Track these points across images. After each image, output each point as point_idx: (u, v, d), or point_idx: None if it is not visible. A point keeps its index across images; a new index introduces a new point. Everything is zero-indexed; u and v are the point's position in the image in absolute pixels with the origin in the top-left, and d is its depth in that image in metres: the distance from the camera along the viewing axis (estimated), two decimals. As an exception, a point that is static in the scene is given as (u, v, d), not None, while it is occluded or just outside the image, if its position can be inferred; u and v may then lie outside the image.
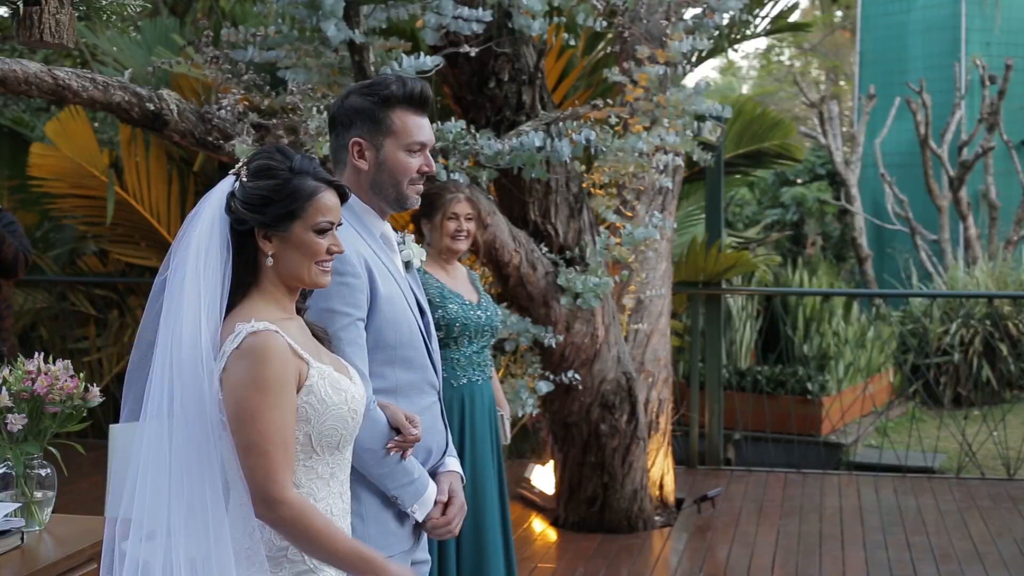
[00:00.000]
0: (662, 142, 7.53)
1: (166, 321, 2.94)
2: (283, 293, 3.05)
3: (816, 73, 33.47)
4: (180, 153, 10.68)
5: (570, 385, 7.73)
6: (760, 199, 21.36)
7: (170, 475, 2.90)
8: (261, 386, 2.88)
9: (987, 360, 13.29)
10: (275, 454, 2.89)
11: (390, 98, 3.57)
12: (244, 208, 2.96)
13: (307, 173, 3.03)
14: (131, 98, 5.53)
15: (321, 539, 2.94)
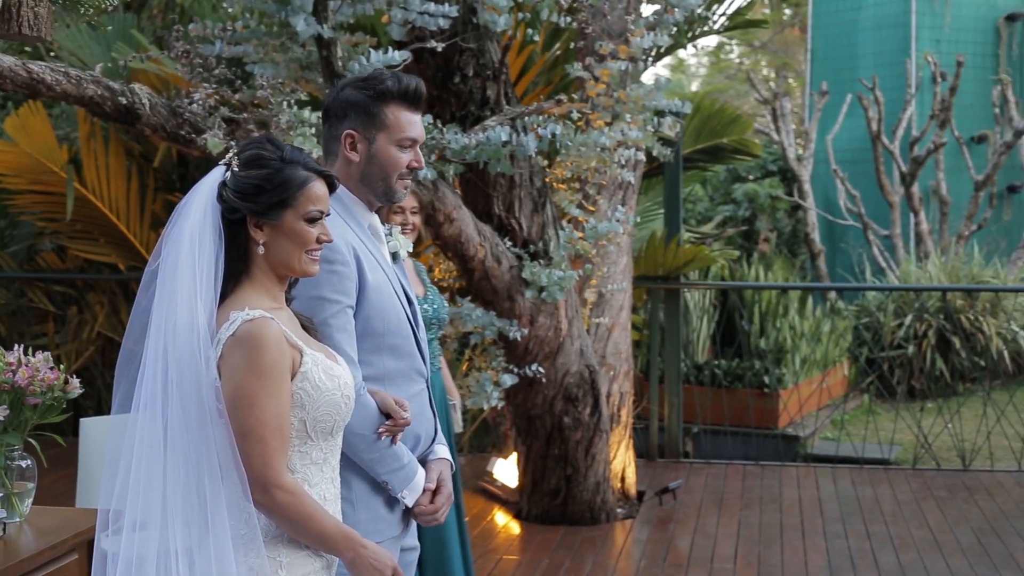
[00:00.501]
0: (624, 137, 7.59)
1: (159, 309, 2.96)
2: (273, 282, 3.08)
3: (766, 71, 33.66)
4: (139, 149, 10.65)
5: (534, 378, 7.79)
6: (712, 195, 21.49)
7: (165, 463, 2.92)
8: (258, 372, 2.91)
9: (940, 353, 13.45)
10: (272, 440, 2.93)
11: (385, 93, 3.62)
12: (236, 197, 3.00)
13: (297, 163, 3.07)
14: (104, 92, 5.54)
15: (312, 523, 2.99)
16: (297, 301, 3.29)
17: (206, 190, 3.03)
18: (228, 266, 3.02)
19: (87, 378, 10.83)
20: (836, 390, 12.86)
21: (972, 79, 18.45)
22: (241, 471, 2.91)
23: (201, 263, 2.95)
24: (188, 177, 10.85)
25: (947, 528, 8.12)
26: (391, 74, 3.65)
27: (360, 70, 6.20)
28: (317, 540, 3.03)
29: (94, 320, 10.72)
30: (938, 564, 7.39)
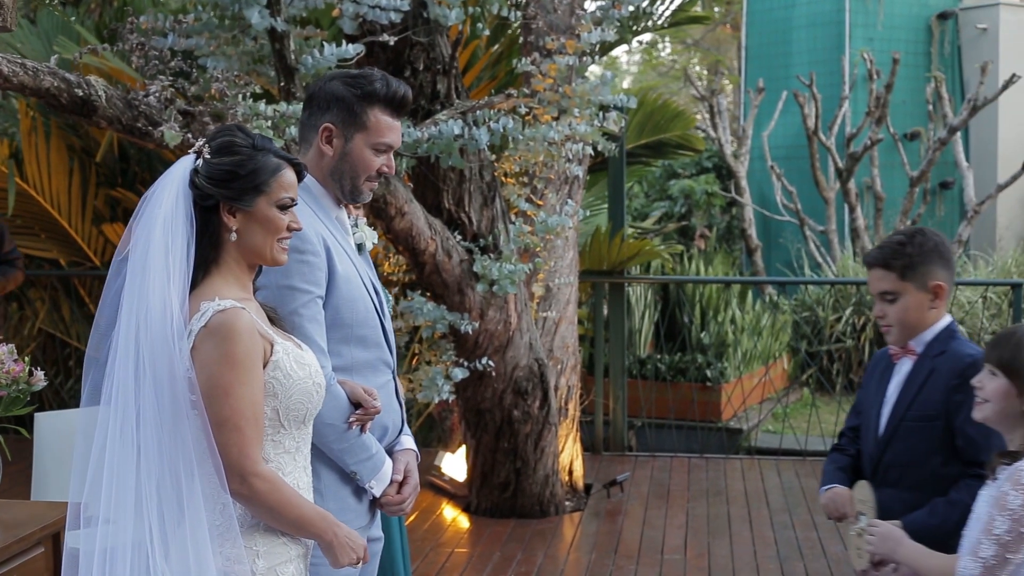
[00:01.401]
0: (572, 131, 7.62)
1: (130, 298, 2.96)
2: (243, 271, 3.09)
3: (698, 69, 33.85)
4: (81, 144, 10.56)
5: (483, 372, 7.81)
6: (648, 192, 21.58)
7: (138, 454, 2.91)
8: (232, 362, 2.92)
9: (878, 346, 13.54)
10: (247, 429, 2.93)
11: (373, 95, 3.63)
12: (209, 183, 3.00)
13: (268, 150, 3.09)
14: (60, 84, 5.50)
15: (290, 508, 3.02)
16: (267, 290, 3.30)
17: (177, 178, 3.03)
18: (198, 254, 3.02)
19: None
20: (778, 383, 12.96)
21: (905, 77, 18.62)
22: (217, 461, 2.91)
23: (174, 251, 2.95)
24: (130, 172, 10.78)
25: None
26: (381, 76, 3.67)
27: (313, 63, 6.21)
28: (295, 525, 3.05)
29: (35, 316, 10.61)
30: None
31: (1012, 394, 3.35)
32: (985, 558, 3.19)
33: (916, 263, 3.88)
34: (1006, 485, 3.21)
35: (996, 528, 3.17)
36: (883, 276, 3.92)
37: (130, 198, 10.24)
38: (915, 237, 3.91)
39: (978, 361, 3.71)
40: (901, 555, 3.54)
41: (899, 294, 3.90)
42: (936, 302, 3.90)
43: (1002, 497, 3.20)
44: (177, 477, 2.90)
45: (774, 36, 21.12)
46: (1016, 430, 3.36)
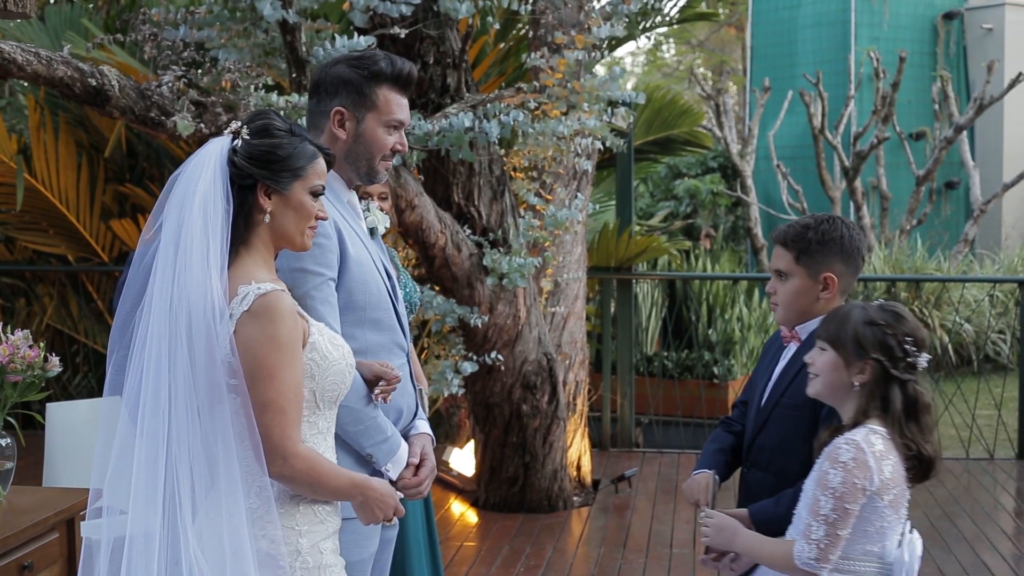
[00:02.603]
0: (582, 126, 7.63)
1: (163, 277, 2.94)
2: (270, 253, 3.09)
3: (702, 70, 33.88)
4: (89, 140, 10.57)
5: (493, 366, 7.81)
6: (653, 192, 21.61)
7: (168, 439, 2.90)
8: (277, 345, 2.92)
9: (883, 344, 13.56)
10: (290, 411, 2.95)
11: (379, 74, 3.65)
12: (250, 162, 3.00)
13: (304, 137, 3.09)
14: (73, 73, 5.51)
15: (327, 482, 3.03)
16: (280, 273, 3.30)
17: (213, 155, 3.02)
18: (231, 233, 3.01)
19: (36, 371, 10.75)
20: (784, 381, 12.95)
21: (911, 76, 18.67)
22: (256, 443, 2.91)
23: (213, 227, 2.95)
24: (138, 168, 10.80)
25: (899, 513, 8.22)
26: (384, 55, 3.68)
27: (324, 56, 6.21)
28: (331, 496, 3.09)
29: (43, 312, 10.62)
30: (893, 548, 7.48)
31: (840, 366, 3.38)
32: (818, 539, 3.23)
33: (813, 250, 3.79)
34: (826, 463, 3.26)
35: (822, 508, 3.22)
36: (781, 254, 3.87)
37: (138, 194, 10.26)
38: (821, 224, 3.83)
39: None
40: (738, 545, 3.54)
41: (789, 275, 3.84)
42: (824, 293, 3.80)
43: (823, 476, 3.24)
44: (214, 461, 2.90)
45: (780, 36, 21.15)
46: (846, 404, 3.39)
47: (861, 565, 3.30)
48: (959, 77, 20.18)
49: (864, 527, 3.28)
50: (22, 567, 3.89)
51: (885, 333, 3.32)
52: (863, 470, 3.21)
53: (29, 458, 6.02)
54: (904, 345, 3.32)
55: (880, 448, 3.26)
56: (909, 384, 3.34)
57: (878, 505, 3.27)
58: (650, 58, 36.90)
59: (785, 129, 19.26)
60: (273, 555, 2.93)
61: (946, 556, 7.30)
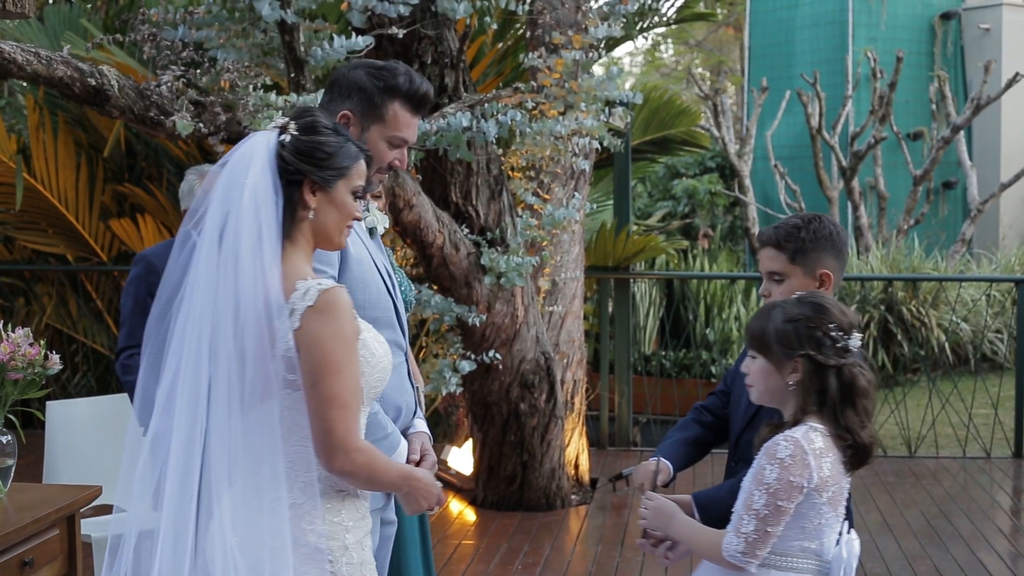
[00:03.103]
0: (579, 125, 7.66)
1: (207, 270, 2.95)
2: (310, 250, 3.10)
3: (700, 70, 33.92)
4: (88, 140, 10.60)
5: (491, 365, 7.84)
6: (651, 192, 21.65)
7: (206, 433, 2.92)
8: (343, 340, 2.94)
9: (883, 344, 13.62)
10: (353, 406, 2.97)
11: (395, 89, 3.65)
12: (300, 158, 3.00)
13: (347, 137, 3.12)
14: (73, 73, 5.53)
15: (382, 475, 3.08)
16: None
17: (260, 149, 3.01)
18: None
19: (35, 370, 10.77)
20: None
21: (908, 76, 18.71)
22: (306, 439, 2.93)
23: (268, 223, 2.95)
24: (137, 168, 10.82)
25: (897, 511, 8.26)
26: (406, 71, 3.68)
27: (323, 56, 6.24)
28: (384, 488, 3.21)
29: (42, 312, 10.64)
30: (891, 545, 7.52)
31: (771, 371, 3.37)
32: (747, 533, 3.22)
33: (808, 249, 3.82)
34: (763, 459, 3.25)
35: (755, 503, 3.21)
36: (774, 256, 3.88)
37: (137, 194, 10.28)
38: (811, 223, 3.86)
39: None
40: (674, 530, 3.52)
41: (786, 276, 3.84)
42: (821, 290, 3.84)
43: (759, 471, 3.24)
44: (256, 455, 2.91)
45: (777, 36, 21.20)
46: (787, 404, 3.38)
47: (799, 562, 3.30)
48: (957, 77, 20.22)
49: (802, 524, 3.27)
50: (23, 563, 3.91)
51: (808, 327, 3.30)
52: (801, 468, 3.21)
53: (30, 456, 6.05)
54: (830, 334, 3.30)
55: (820, 445, 3.26)
56: (845, 369, 3.32)
57: (816, 502, 3.26)
58: (648, 58, 36.95)
59: (783, 129, 19.30)
60: (321, 549, 2.95)
61: (943, 555, 7.33)
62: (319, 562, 2.94)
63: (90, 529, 5.59)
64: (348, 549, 3.02)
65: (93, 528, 5.62)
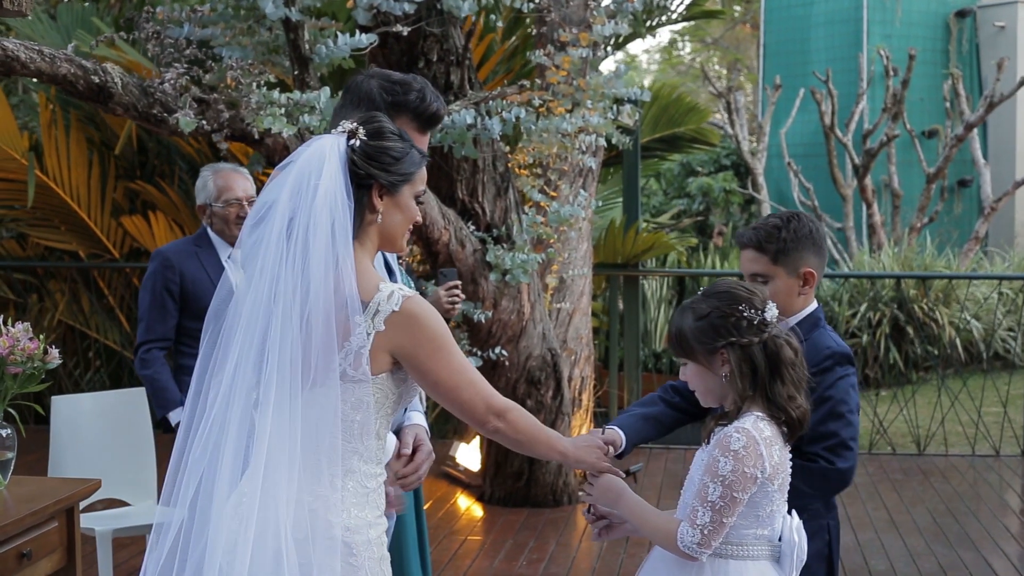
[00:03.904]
0: (585, 123, 7.68)
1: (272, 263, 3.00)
2: (375, 252, 3.17)
3: (718, 68, 33.91)
4: (100, 137, 10.66)
5: (497, 361, 7.87)
6: (666, 189, 21.65)
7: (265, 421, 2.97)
8: (440, 337, 3.04)
9: (894, 342, 13.60)
10: (477, 378, 3.10)
11: (402, 105, 3.68)
12: (370, 164, 3.06)
13: (410, 143, 3.17)
14: (77, 70, 5.58)
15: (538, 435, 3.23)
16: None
17: (328, 152, 3.06)
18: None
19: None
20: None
21: (923, 74, 18.69)
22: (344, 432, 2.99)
23: (343, 224, 3.01)
24: (148, 165, 10.88)
25: (903, 509, 8.27)
26: (420, 88, 3.70)
27: (327, 53, 6.28)
28: (546, 445, 3.27)
29: (55, 308, 10.71)
30: (896, 542, 7.53)
31: (703, 371, 3.38)
32: (703, 525, 3.23)
33: (789, 248, 3.80)
34: (716, 451, 3.26)
35: (711, 495, 3.22)
36: (756, 258, 3.86)
37: (148, 191, 10.34)
38: (791, 222, 3.83)
39: (836, 353, 3.75)
40: (623, 508, 3.46)
41: (770, 277, 3.82)
42: (805, 288, 3.82)
43: (713, 463, 3.24)
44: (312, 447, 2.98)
45: (792, 34, 21.17)
46: (727, 396, 3.38)
47: (754, 549, 3.32)
48: (972, 75, 20.18)
49: (756, 512, 3.29)
50: (20, 555, 3.95)
51: (721, 317, 3.32)
52: (754, 458, 3.22)
53: (38, 452, 6.10)
54: (744, 316, 3.31)
55: (768, 434, 3.27)
56: (768, 341, 3.32)
57: (769, 490, 3.28)
58: (665, 56, 36.96)
59: (798, 127, 19.28)
60: (348, 543, 2.99)
61: (948, 552, 7.34)
62: (344, 555, 2.99)
63: (94, 523, 5.65)
64: (371, 544, 3.06)
65: (97, 522, 5.68)
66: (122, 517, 5.83)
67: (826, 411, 3.68)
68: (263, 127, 5.91)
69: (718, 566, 3.33)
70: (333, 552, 2.96)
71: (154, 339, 5.62)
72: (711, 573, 3.34)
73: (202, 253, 5.63)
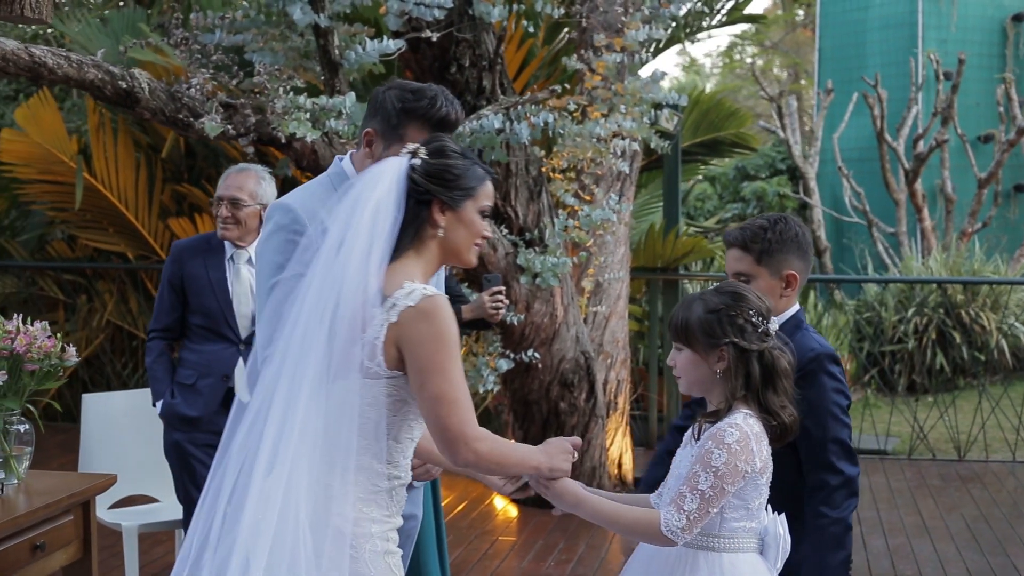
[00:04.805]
0: (619, 128, 7.73)
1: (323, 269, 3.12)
2: (433, 266, 3.24)
3: (778, 71, 33.80)
4: (148, 140, 10.82)
5: (530, 364, 7.93)
6: (721, 193, 21.63)
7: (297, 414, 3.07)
8: (445, 343, 3.06)
9: (940, 348, 13.53)
10: (463, 401, 3.09)
11: (412, 112, 3.76)
12: (428, 180, 3.17)
13: (474, 160, 3.28)
14: (104, 76, 5.70)
15: (508, 460, 3.21)
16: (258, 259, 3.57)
17: (392, 171, 3.19)
18: (400, 238, 3.16)
19: (97, 365, 11.03)
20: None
21: (979, 79, 18.56)
22: (359, 427, 3.06)
23: (382, 232, 3.11)
24: (196, 168, 11.03)
25: (938, 515, 8.26)
26: (432, 96, 3.77)
27: (356, 59, 6.37)
28: (515, 470, 3.29)
29: (103, 308, 10.89)
30: (926, 548, 7.53)
31: (699, 361, 3.42)
32: (689, 511, 3.26)
33: (774, 250, 3.86)
34: (709, 443, 3.30)
35: (700, 484, 3.26)
36: (740, 257, 3.92)
37: (195, 193, 10.49)
38: (777, 224, 3.89)
39: (821, 355, 3.79)
40: (586, 513, 3.42)
41: (753, 277, 3.87)
42: (787, 291, 3.87)
43: (707, 455, 3.28)
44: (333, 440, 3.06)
45: (848, 38, 21.08)
46: (714, 392, 3.43)
47: (744, 541, 3.38)
48: (1028, 79, 20.00)
49: (747, 505, 3.35)
50: (34, 547, 4.06)
51: (730, 316, 3.38)
52: (747, 453, 3.29)
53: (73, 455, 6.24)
54: (751, 320, 3.37)
55: (758, 430, 3.35)
56: (766, 352, 3.39)
57: (759, 484, 3.35)
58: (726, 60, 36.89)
59: (852, 131, 19.20)
60: (344, 532, 3.06)
61: (978, 559, 7.33)
62: (340, 545, 3.06)
63: (121, 518, 5.77)
64: (372, 537, 3.12)
65: (124, 517, 5.80)
66: (149, 513, 5.94)
67: (820, 414, 3.72)
68: (288, 131, 6.01)
69: (712, 560, 3.38)
70: (338, 541, 3.05)
71: (158, 328, 5.77)
72: (706, 567, 3.39)
73: (210, 251, 5.73)
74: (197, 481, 5.48)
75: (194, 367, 5.70)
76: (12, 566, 3.97)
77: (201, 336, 5.73)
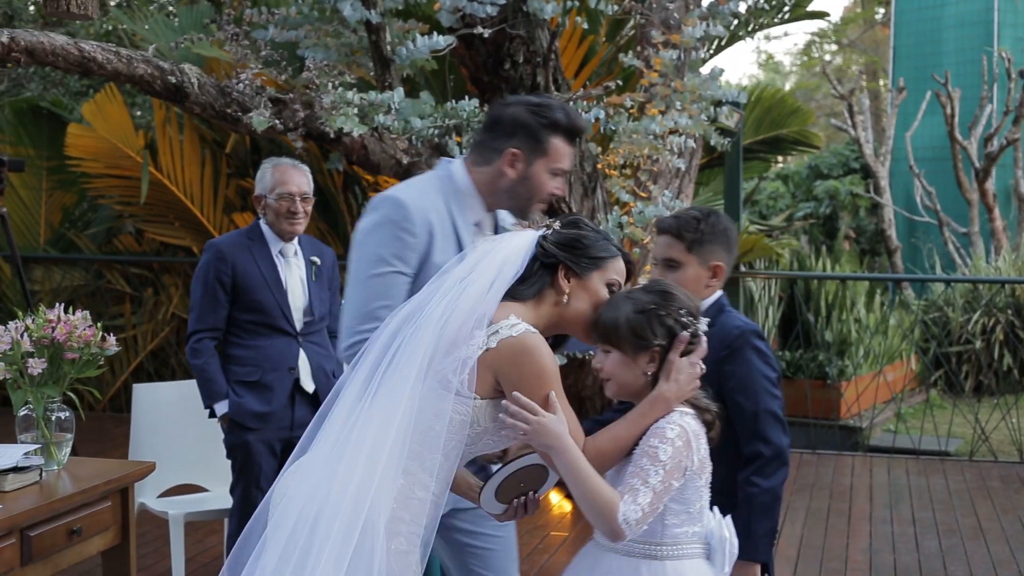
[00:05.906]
0: (676, 125, 7.72)
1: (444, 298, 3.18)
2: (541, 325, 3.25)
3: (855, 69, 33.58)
4: (213, 135, 10.95)
5: (583, 359, 7.94)
6: (794, 192, 21.53)
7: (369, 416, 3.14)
8: (547, 377, 3.14)
9: (1008, 349, 13.39)
10: (574, 427, 3.21)
11: (556, 124, 3.84)
12: (556, 246, 3.26)
13: (609, 240, 3.34)
14: (153, 71, 5.79)
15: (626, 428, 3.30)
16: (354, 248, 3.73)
17: (524, 236, 3.30)
18: (517, 290, 3.24)
19: (162, 358, 11.18)
20: (897, 384, 12.86)
21: (1053, 78, 18.33)
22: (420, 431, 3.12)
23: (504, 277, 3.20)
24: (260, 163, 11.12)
25: (995, 516, 8.18)
26: (561, 106, 3.87)
27: (407, 54, 6.42)
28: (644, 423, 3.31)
29: (169, 302, 11.03)
30: (979, 550, 7.46)
31: (628, 362, 3.34)
32: (642, 504, 3.22)
33: (705, 240, 3.94)
34: (653, 439, 3.24)
35: (651, 478, 3.22)
36: (671, 244, 3.98)
37: (259, 188, 10.60)
38: (709, 217, 3.99)
39: (746, 332, 3.82)
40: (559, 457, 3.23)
41: (681, 264, 3.95)
42: (713, 281, 3.95)
43: (652, 451, 3.22)
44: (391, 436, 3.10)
45: (923, 36, 20.91)
46: (643, 394, 3.35)
47: (690, 547, 3.34)
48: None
49: (688, 509, 3.31)
50: (71, 532, 4.14)
51: (659, 315, 3.32)
52: (687, 449, 3.24)
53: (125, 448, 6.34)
54: (680, 320, 3.34)
55: (696, 428, 3.31)
56: (694, 353, 3.38)
57: (698, 485, 3.31)
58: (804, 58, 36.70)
59: (925, 130, 19.05)
60: (375, 523, 3.09)
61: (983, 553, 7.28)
62: (370, 537, 3.08)
63: (168, 507, 5.86)
64: (398, 535, 3.15)
65: (171, 506, 5.89)
66: (196, 502, 6.02)
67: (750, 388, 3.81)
68: (336, 127, 6.06)
69: (655, 568, 3.34)
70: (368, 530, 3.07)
71: (204, 329, 5.74)
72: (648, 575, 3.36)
73: (254, 246, 5.74)
74: (261, 484, 5.53)
75: (254, 363, 5.69)
76: (48, 549, 4.05)
77: (253, 332, 5.73)
